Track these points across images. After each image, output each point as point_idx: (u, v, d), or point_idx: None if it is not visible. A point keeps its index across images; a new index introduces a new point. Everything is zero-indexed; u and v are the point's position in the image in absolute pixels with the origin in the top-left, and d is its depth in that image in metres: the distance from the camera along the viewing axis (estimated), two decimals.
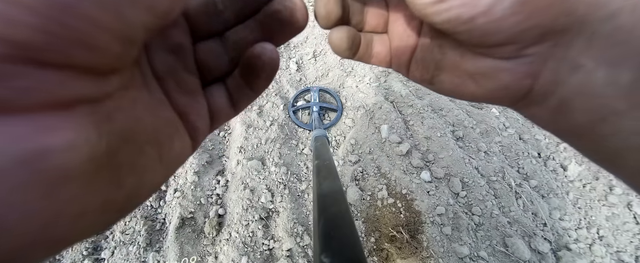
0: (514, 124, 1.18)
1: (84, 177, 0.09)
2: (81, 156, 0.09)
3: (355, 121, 1.20)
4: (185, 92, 0.15)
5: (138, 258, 0.89)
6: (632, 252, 0.88)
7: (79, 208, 0.09)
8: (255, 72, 0.16)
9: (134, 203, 0.12)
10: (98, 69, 0.09)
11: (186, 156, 0.16)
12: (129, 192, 0.11)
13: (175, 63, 0.15)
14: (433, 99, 1.22)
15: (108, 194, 0.10)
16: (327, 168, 0.40)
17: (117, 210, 0.11)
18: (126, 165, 0.11)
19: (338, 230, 0.27)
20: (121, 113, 0.10)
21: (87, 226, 0.10)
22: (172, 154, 0.14)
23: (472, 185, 0.97)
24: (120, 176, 0.10)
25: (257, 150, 1.10)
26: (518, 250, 0.84)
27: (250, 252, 0.87)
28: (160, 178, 0.13)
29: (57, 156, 0.08)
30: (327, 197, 0.33)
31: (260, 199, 0.97)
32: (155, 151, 0.13)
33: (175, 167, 0.15)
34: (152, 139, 0.12)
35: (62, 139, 0.08)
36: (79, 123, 0.09)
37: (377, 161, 1.04)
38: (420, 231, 0.87)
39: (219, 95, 0.17)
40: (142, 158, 0.12)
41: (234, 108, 0.18)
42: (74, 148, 0.08)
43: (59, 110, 0.08)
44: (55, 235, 0.09)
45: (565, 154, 1.09)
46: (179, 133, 0.15)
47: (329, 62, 1.42)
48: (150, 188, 0.13)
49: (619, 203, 0.96)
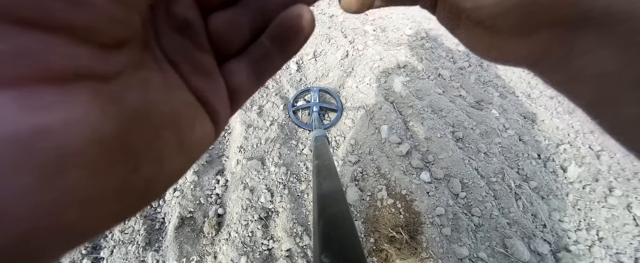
0: (514, 125, 1.18)
1: (89, 161, 0.08)
2: (83, 138, 0.08)
3: (355, 121, 1.20)
4: (200, 73, 0.15)
5: (137, 257, 0.89)
6: (631, 253, 0.88)
7: (87, 193, 0.08)
8: (293, 35, 0.16)
9: (156, 190, 0.12)
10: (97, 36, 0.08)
11: (209, 142, 0.15)
12: (147, 177, 0.11)
13: (185, 43, 0.14)
14: (433, 100, 1.23)
15: (123, 179, 0.09)
16: (327, 168, 0.40)
17: (137, 196, 0.10)
18: (142, 149, 0.10)
19: (338, 230, 0.27)
20: (132, 94, 0.10)
21: (104, 215, 0.09)
22: (194, 140, 0.13)
23: (472, 186, 0.97)
24: (136, 161, 0.10)
25: (256, 150, 1.10)
26: (517, 252, 0.84)
27: (249, 252, 0.86)
28: (181, 165, 0.13)
29: (53, 136, 0.07)
30: (327, 197, 0.32)
31: (259, 199, 0.97)
32: (174, 136, 0.12)
33: (198, 154, 0.14)
34: (169, 123, 0.12)
35: (58, 118, 0.07)
36: (80, 101, 0.08)
37: (376, 162, 1.04)
38: (419, 232, 0.87)
39: (238, 70, 0.16)
40: (159, 143, 0.11)
41: (258, 80, 0.17)
42: (74, 129, 0.08)
43: (54, 84, 0.07)
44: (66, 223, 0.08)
45: (565, 156, 1.09)
46: (200, 118, 0.14)
47: (329, 63, 1.42)
48: (171, 174, 0.12)
49: (619, 205, 0.96)
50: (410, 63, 1.38)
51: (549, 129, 1.18)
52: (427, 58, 1.42)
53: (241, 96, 0.17)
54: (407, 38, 1.52)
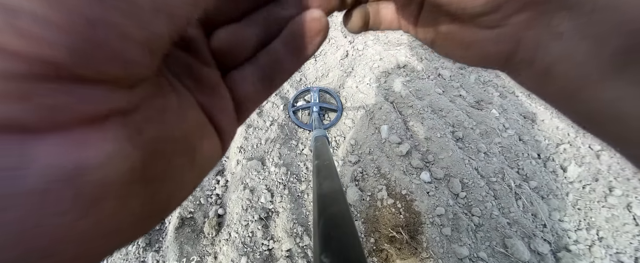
0: (514, 125, 1.18)
1: (121, 191, 0.09)
2: (118, 170, 0.09)
3: (355, 121, 1.20)
4: (204, 87, 0.15)
5: (137, 258, 0.89)
6: (631, 253, 0.88)
7: (116, 222, 0.09)
8: (308, 38, 0.16)
9: (170, 209, 0.12)
10: (127, 81, 0.09)
11: (218, 157, 0.15)
12: (164, 200, 0.11)
13: (189, 59, 0.14)
14: (433, 100, 1.23)
15: (143, 206, 0.10)
16: (327, 168, 0.40)
17: (150, 217, 0.11)
18: (159, 174, 0.11)
19: (338, 230, 0.27)
20: (150, 123, 0.10)
21: (123, 240, 0.10)
22: (203, 157, 0.14)
23: (472, 186, 0.97)
24: (154, 187, 0.10)
25: (256, 150, 1.10)
26: (518, 251, 0.84)
27: (249, 252, 0.86)
28: (193, 182, 0.13)
29: (94, 171, 0.08)
30: (327, 197, 0.32)
31: (259, 199, 0.97)
32: (187, 157, 0.12)
33: (207, 170, 0.14)
34: (182, 146, 0.12)
35: (98, 153, 0.08)
36: (114, 136, 0.09)
37: (377, 162, 1.04)
38: (419, 232, 0.87)
39: (243, 79, 0.16)
40: (174, 166, 0.11)
41: (267, 87, 0.17)
42: (111, 162, 0.08)
43: (93, 124, 0.08)
44: (92, 252, 0.09)
45: (565, 156, 1.09)
46: (208, 134, 0.14)
47: (329, 63, 1.43)
48: (183, 193, 0.13)
49: (619, 205, 0.96)
50: (410, 63, 1.38)
51: (549, 129, 1.18)
52: (427, 58, 1.42)
53: (248, 106, 0.17)
54: (407, 38, 1.52)
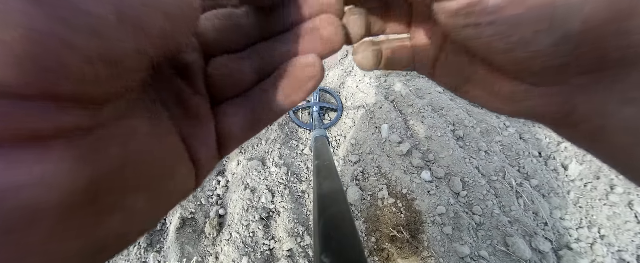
0: (515, 123, 1.18)
1: (56, 217, 0.08)
2: (57, 190, 0.08)
3: (355, 120, 1.20)
4: (190, 117, 0.14)
5: (139, 258, 0.89)
6: (633, 250, 0.87)
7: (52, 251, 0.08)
8: (299, 83, 0.15)
9: (126, 240, 0.11)
10: (87, 100, 0.08)
11: (188, 190, 0.14)
12: (115, 232, 0.10)
13: (180, 85, 0.14)
14: (433, 99, 1.22)
15: (88, 235, 0.09)
16: (327, 168, 0.40)
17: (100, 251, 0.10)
18: (113, 201, 0.09)
19: (338, 230, 0.27)
20: (112, 145, 0.09)
21: None
22: (172, 188, 0.13)
23: (473, 185, 0.97)
24: (102, 217, 0.09)
25: (257, 150, 1.10)
26: (519, 250, 0.84)
27: (250, 252, 0.86)
28: (155, 214, 0.12)
29: (23, 193, 0.07)
30: (327, 197, 0.32)
31: (260, 199, 0.97)
32: (152, 185, 0.11)
33: (175, 202, 0.13)
34: (149, 172, 0.11)
35: (30, 174, 0.07)
36: (58, 157, 0.08)
37: (377, 161, 1.04)
38: (420, 230, 0.87)
39: (233, 113, 0.15)
40: (134, 194, 0.10)
41: (251, 129, 0.16)
42: (46, 182, 0.07)
43: (33, 143, 0.07)
44: None
45: (566, 154, 1.09)
46: (182, 165, 0.13)
47: (329, 62, 1.42)
48: (142, 225, 0.11)
49: (620, 202, 0.96)
50: None
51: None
52: None
53: (231, 143, 0.16)
54: None
